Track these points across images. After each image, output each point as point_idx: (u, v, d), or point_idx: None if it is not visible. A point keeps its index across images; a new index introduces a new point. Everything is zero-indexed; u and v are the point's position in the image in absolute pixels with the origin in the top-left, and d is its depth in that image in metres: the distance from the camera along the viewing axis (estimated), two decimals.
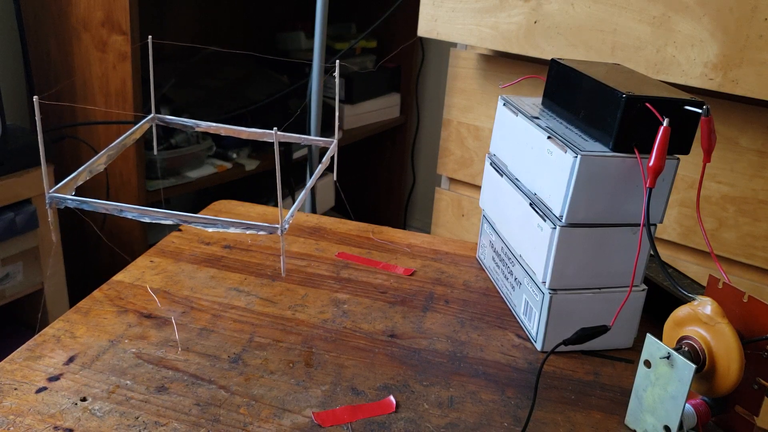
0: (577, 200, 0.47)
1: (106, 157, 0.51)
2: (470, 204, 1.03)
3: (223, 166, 1.44)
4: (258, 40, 1.82)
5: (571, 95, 0.52)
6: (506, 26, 0.86)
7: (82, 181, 0.48)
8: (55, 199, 0.45)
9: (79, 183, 0.48)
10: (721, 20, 0.71)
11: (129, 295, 0.54)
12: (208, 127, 0.58)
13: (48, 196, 0.45)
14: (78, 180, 0.48)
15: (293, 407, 0.43)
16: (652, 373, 0.41)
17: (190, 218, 0.44)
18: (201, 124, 0.58)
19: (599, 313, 0.50)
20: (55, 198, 0.45)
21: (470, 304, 0.57)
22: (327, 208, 1.85)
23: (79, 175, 0.48)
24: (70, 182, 0.47)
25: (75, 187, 0.47)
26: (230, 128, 0.58)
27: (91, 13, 1.18)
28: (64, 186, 0.46)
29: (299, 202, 0.49)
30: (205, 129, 0.58)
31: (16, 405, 0.41)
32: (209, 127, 0.58)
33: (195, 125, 0.58)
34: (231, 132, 0.58)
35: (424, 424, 0.43)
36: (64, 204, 0.45)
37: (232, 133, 0.58)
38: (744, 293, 0.40)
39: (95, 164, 0.50)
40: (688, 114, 0.45)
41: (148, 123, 0.58)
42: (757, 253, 0.78)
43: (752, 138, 0.76)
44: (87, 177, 0.49)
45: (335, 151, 0.57)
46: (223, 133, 0.58)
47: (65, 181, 0.46)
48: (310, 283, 0.58)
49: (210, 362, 0.47)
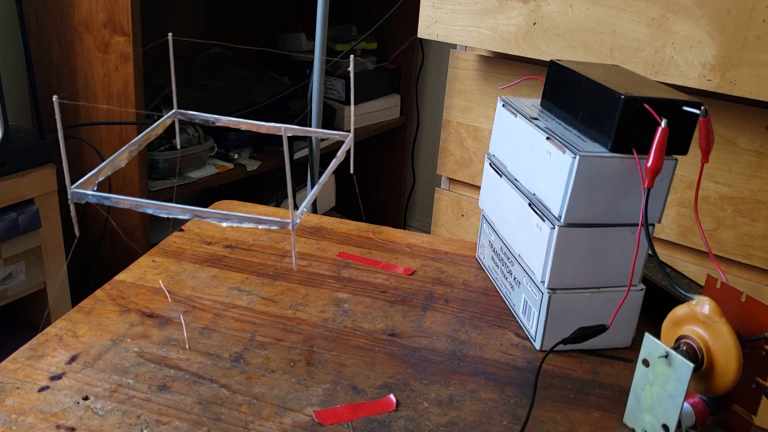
0: (576, 200, 0.47)
1: (127, 153, 0.52)
2: (470, 204, 1.03)
3: (224, 166, 1.44)
4: (259, 42, 1.83)
5: (569, 96, 0.52)
6: (505, 28, 0.86)
7: (104, 177, 0.49)
8: (77, 194, 0.45)
9: (101, 179, 0.48)
10: (720, 21, 0.71)
11: (131, 294, 0.55)
12: (228, 122, 0.59)
13: (70, 192, 0.45)
14: (99, 176, 0.48)
15: (294, 406, 0.44)
16: (651, 372, 0.41)
17: (205, 213, 0.45)
18: (221, 119, 0.59)
19: (598, 313, 0.51)
20: (77, 193, 0.45)
21: (470, 303, 0.58)
22: (328, 208, 1.86)
23: (100, 171, 0.48)
24: (92, 178, 0.47)
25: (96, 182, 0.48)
26: (249, 123, 0.59)
27: (93, 15, 1.18)
28: (85, 182, 0.46)
29: (311, 197, 0.50)
30: (225, 124, 0.60)
31: (18, 404, 0.42)
32: (229, 122, 0.59)
33: (216, 120, 0.59)
34: (250, 126, 0.59)
35: (424, 423, 0.43)
36: (85, 199, 0.45)
37: (250, 127, 0.59)
38: (742, 293, 0.40)
39: (117, 159, 0.50)
40: (687, 115, 0.46)
41: (170, 118, 0.58)
42: (755, 253, 0.79)
43: (750, 138, 0.77)
44: (109, 172, 0.49)
45: (351, 144, 0.57)
46: (243, 127, 0.59)
47: (87, 177, 0.47)
48: (310, 283, 0.59)
49: (212, 361, 0.47)
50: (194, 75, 1.51)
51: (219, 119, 0.59)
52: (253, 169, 1.48)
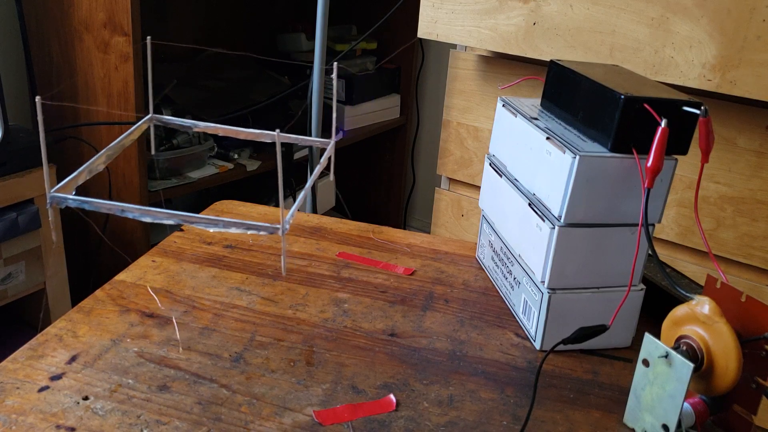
0: (576, 200, 0.47)
1: (105, 157, 0.51)
2: (470, 204, 1.03)
3: (224, 166, 1.44)
4: (259, 42, 1.83)
5: (569, 96, 0.52)
6: (505, 28, 0.86)
7: (83, 181, 0.49)
8: (56, 199, 0.45)
9: (80, 183, 0.48)
10: (720, 21, 0.71)
11: (131, 294, 0.55)
12: (206, 128, 0.58)
13: (49, 196, 0.45)
14: (78, 180, 0.48)
15: (294, 406, 0.44)
16: (651, 372, 0.41)
17: (191, 218, 0.45)
18: (199, 125, 0.58)
19: (598, 313, 0.51)
20: (56, 198, 0.45)
21: (470, 303, 0.58)
22: (328, 208, 1.86)
23: (79, 175, 0.48)
24: (71, 182, 0.47)
25: (75, 186, 0.48)
26: (228, 129, 0.58)
27: (93, 15, 1.18)
28: (64, 186, 0.46)
29: (299, 203, 0.49)
30: (203, 129, 0.58)
31: (18, 404, 0.42)
32: (207, 128, 0.58)
33: (193, 125, 0.58)
34: (229, 132, 0.58)
35: (424, 423, 0.43)
36: (65, 204, 0.45)
37: (230, 133, 0.58)
38: (742, 293, 0.40)
39: (95, 164, 0.50)
40: (687, 115, 0.46)
41: (146, 123, 0.58)
42: (755, 253, 0.79)
43: (750, 138, 0.77)
44: (87, 177, 0.49)
45: (332, 152, 0.57)
46: (221, 133, 0.58)
47: (66, 181, 0.47)
48: (310, 283, 0.59)
49: (212, 361, 0.47)
50: (194, 75, 1.51)
51: (197, 125, 0.58)
52: (253, 169, 1.48)
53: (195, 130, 0.58)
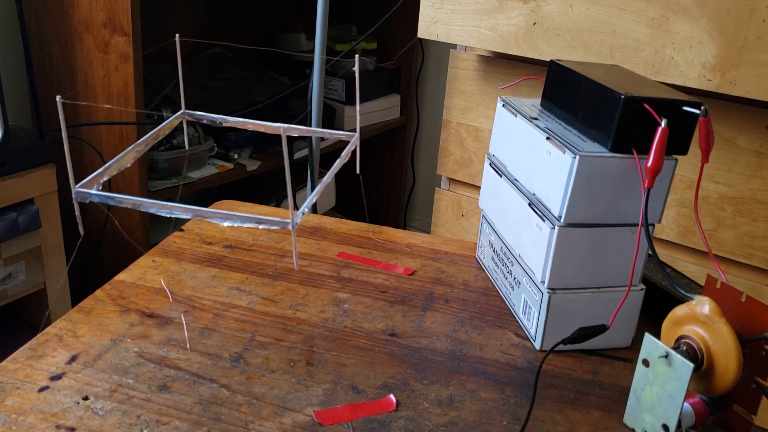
0: (576, 200, 0.47)
1: (134, 153, 0.52)
2: (470, 204, 1.03)
3: (224, 166, 1.44)
4: (259, 42, 1.83)
5: (569, 96, 0.52)
6: (505, 28, 0.86)
7: (108, 177, 0.49)
8: (81, 194, 0.45)
9: (105, 178, 0.48)
10: (720, 21, 0.71)
11: (131, 294, 0.55)
12: (234, 122, 0.60)
13: (74, 191, 0.45)
14: (104, 175, 0.48)
15: (294, 406, 0.44)
16: (651, 372, 0.41)
17: (207, 212, 0.45)
18: (228, 119, 0.60)
19: (598, 313, 0.51)
20: (81, 193, 0.45)
21: (470, 303, 0.58)
22: (328, 208, 1.86)
23: (105, 170, 0.48)
24: (96, 177, 0.47)
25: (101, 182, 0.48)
26: (256, 123, 0.59)
27: (93, 15, 1.18)
28: (89, 181, 0.46)
29: (313, 197, 0.50)
30: (233, 124, 0.60)
31: (18, 404, 0.42)
32: (236, 122, 0.60)
33: (223, 120, 0.59)
34: (257, 127, 0.59)
35: (424, 423, 0.43)
36: (89, 198, 0.45)
37: (257, 128, 0.59)
38: (742, 293, 0.40)
39: (123, 159, 0.50)
40: (687, 115, 0.46)
41: (177, 119, 0.58)
42: (755, 253, 0.79)
43: (750, 138, 0.77)
44: (114, 172, 0.49)
45: (357, 144, 0.57)
46: (250, 128, 0.60)
47: (92, 177, 0.47)
48: (310, 283, 0.59)
49: (212, 361, 0.47)
50: (195, 75, 1.51)
51: (226, 119, 0.59)
52: (253, 169, 1.48)
53: (224, 125, 0.60)
